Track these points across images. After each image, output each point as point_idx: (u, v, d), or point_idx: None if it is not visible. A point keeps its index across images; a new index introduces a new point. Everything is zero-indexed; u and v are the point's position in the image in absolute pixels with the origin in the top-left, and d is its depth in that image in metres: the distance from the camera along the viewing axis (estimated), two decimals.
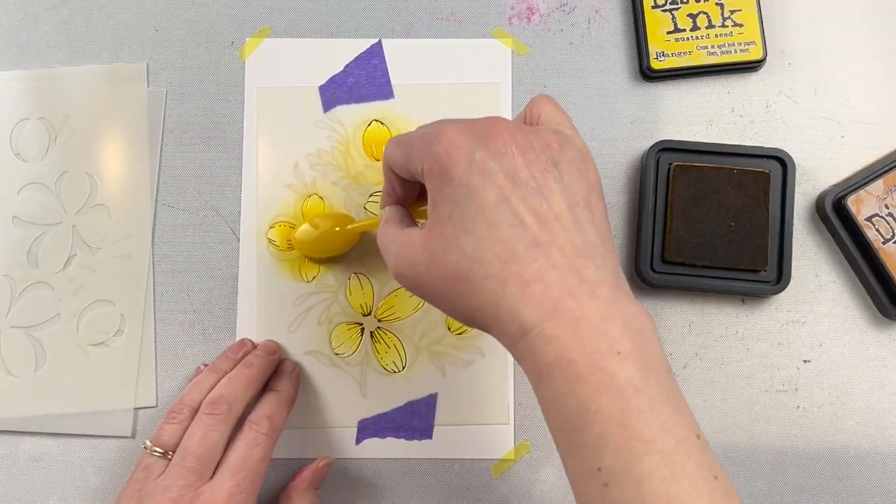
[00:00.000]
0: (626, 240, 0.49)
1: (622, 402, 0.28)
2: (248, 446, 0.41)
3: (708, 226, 0.46)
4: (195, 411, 0.42)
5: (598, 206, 0.33)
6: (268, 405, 0.43)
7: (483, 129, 0.33)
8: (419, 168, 0.34)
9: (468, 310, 0.32)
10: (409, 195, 0.39)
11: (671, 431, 0.28)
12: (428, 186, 0.33)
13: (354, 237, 0.47)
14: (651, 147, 0.47)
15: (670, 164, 0.47)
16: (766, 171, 0.47)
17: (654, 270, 0.47)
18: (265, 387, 0.45)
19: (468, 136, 0.32)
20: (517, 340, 0.31)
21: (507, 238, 0.31)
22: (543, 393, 0.30)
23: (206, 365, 0.46)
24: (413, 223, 0.38)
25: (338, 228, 0.47)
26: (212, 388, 0.43)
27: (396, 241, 0.35)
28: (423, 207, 0.39)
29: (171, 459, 0.40)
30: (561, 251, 0.31)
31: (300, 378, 0.47)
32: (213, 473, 0.40)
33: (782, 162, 0.47)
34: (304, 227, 0.47)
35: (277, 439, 0.43)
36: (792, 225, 0.47)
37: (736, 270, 0.46)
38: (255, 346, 0.47)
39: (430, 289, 0.33)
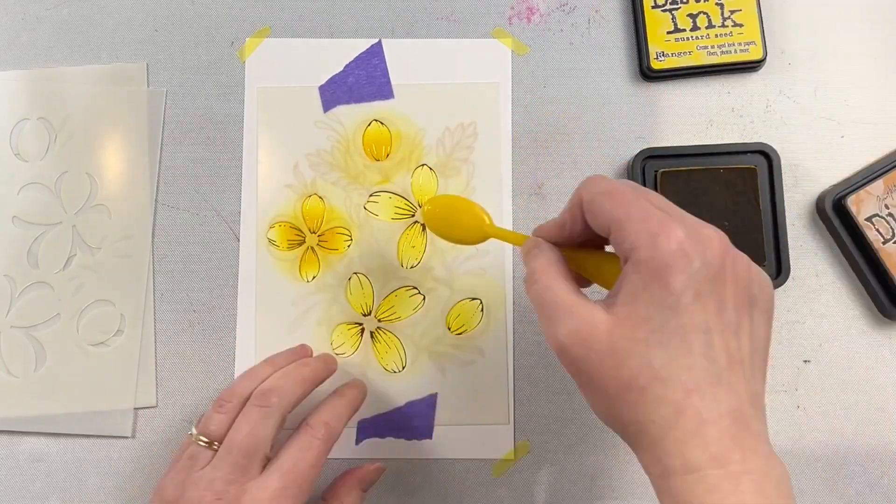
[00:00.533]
0: None
1: None
2: (301, 449, 0.40)
3: None
4: (244, 400, 0.41)
5: (767, 356, 0.32)
6: (327, 410, 0.42)
7: (705, 240, 0.31)
8: (628, 246, 0.31)
9: (626, 420, 0.31)
10: (580, 237, 0.35)
11: None
12: (631, 271, 0.31)
13: (484, 235, 0.41)
14: (635, 157, 0.47)
15: (656, 171, 0.47)
16: (753, 166, 0.47)
17: None
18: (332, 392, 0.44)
19: (695, 248, 0.30)
20: (672, 475, 0.30)
21: (697, 368, 0.30)
22: None
23: (265, 359, 0.46)
24: (574, 276, 0.35)
25: (465, 221, 0.41)
26: (263, 381, 0.42)
27: (571, 311, 0.32)
28: (590, 260, 0.36)
29: (216, 450, 0.39)
30: (738, 397, 0.30)
31: (366, 392, 0.46)
32: (263, 470, 0.39)
33: (766, 155, 0.47)
34: (437, 200, 0.43)
35: (333, 446, 0.41)
36: (784, 216, 0.47)
37: None
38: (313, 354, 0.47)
39: (594, 382, 0.31)
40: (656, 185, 0.47)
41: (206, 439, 0.40)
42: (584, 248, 0.36)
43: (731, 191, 0.46)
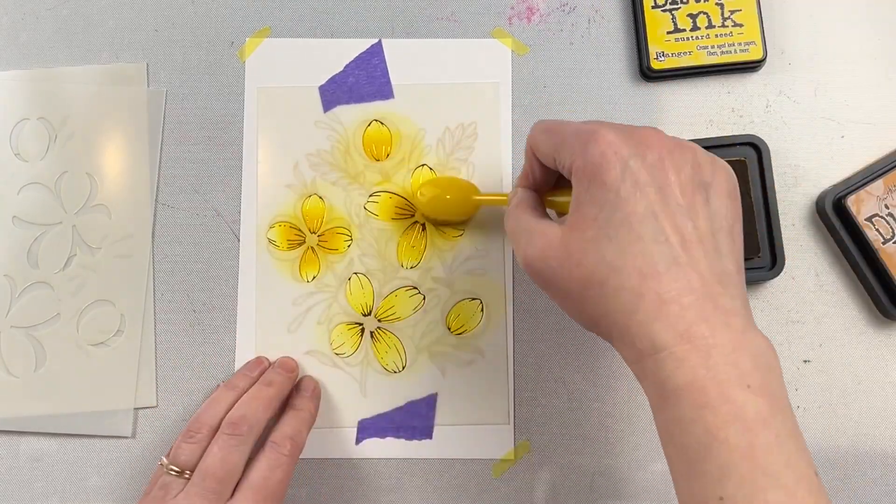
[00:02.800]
0: None
1: (750, 435, 0.28)
2: (269, 467, 0.41)
3: None
4: (213, 430, 0.42)
5: (738, 235, 0.33)
6: (289, 425, 0.43)
7: (640, 138, 0.32)
8: (568, 163, 0.34)
9: (595, 315, 0.32)
10: (546, 181, 0.39)
11: (794, 468, 0.28)
12: (574, 183, 0.33)
13: (475, 207, 0.47)
14: None
15: None
16: (742, 158, 0.47)
17: None
18: (285, 404, 0.45)
19: (625, 143, 0.32)
20: (644, 357, 0.30)
21: (650, 253, 0.31)
22: (667, 416, 0.30)
23: (224, 383, 0.46)
24: (545, 210, 0.38)
25: (451, 196, 0.47)
26: (230, 407, 0.43)
27: (530, 229, 0.35)
28: (560, 198, 0.39)
29: (188, 479, 0.40)
30: (700, 275, 0.31)
31: (321, 397, 0.47)
32: (233, 493, 0.40)
33: (756, 147, 0.47)
34: (429, 184, 0.47)
35: (297, 460, 0.42)
36: (777, 207, 0.47)
37: None
38: (271, 364, 0.47)
39: (558, 286, 0.33)
40: None
41: (177, 469, 0.40)
42: (557, 189, 0.39)
43: None
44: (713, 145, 0.47)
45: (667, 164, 0.32)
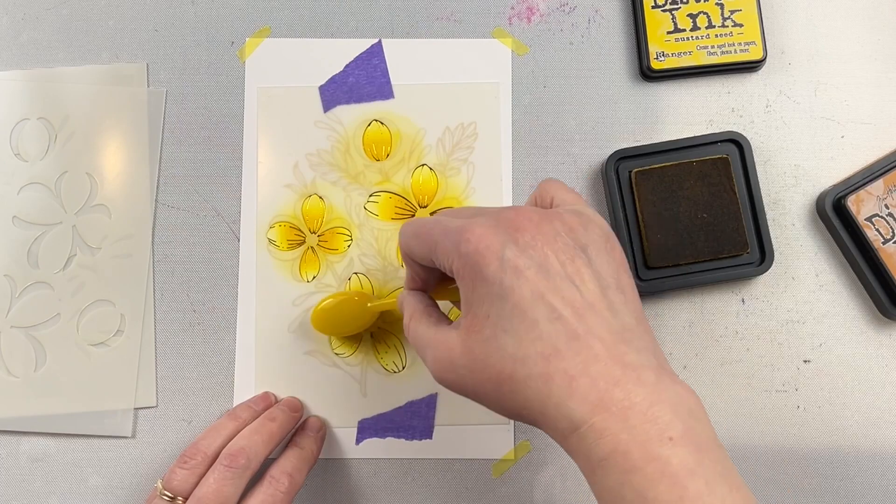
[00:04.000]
0: None
1: (679, 489, 0.28)
2: (264, 502, 0.41)
3: (682, 223, 0.46)
4: (209, 458, 0.41)
5: (628, 284, 0.33)
6: (289, 462, 0.43)
7: (508, 223, 0.32)
8: (447, 266, 0.33)
9: (515, 409, 0.32)
10: (432, 278, 0.39)
11: None
12: (459, 285, 0.33)
13: (373, 315, 0.46)
14: (608, 159, 0.47)
15: (630, 171, 0.47)
16: (725, 155, 0.47)
17: (640, 279, 0.47)
18: (288, 442, 0.45)
19: (495, 233, 0.32)
20: (568, 436, 0.30)
21: (547, 334, 0.30)
22: (599, 486, 0.30)
23: (227, 413, 0.46)
24: (439, 313, 0.37)
25: (350, 308, 0.46)
26: (229, 437, 0.42)
27: (432, 343, 0.34)
28: (450, 287, 0.39)
29: None
30: (601, 340, 0.30)
31: (325, 439, 0.47)
32: None
33: (737, 143, 0.47)
34: (322, 304, 0.46)
35: (293, 499, 0.42)
36: (762, 201, 0.47)
37: (720, 259, 0.46)
38: (276, 401, 0.47)
39: (473, 391, 0.33)
40: (631, 185, 0.47)
41: (169, 494, 0.40)
42: (444, 283, 0.39)
43: (705, 182, 0.47)
44: (695, 144, 0.47)
45: (539, 240, 0.32)
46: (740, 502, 0.29)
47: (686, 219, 0.46)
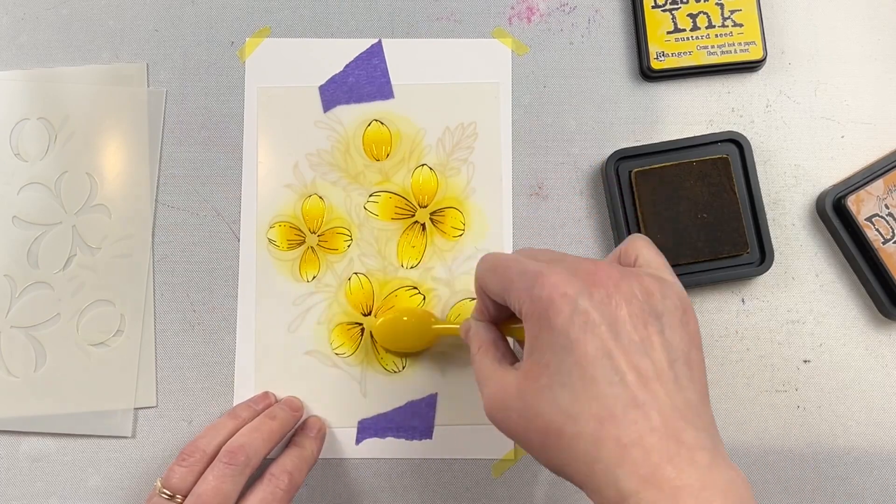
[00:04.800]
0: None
1: None
2: (264, 500, 0.40)
3: (682, 223, 0.46)
4: (208, 456, 0.41)
5: (698, 361, 0.32)
6: (290, 460, 0.43)
7: (587, 275, 0.31)
8: (517, 307, 0.33)
9: (559, 465, 0.31)
10: (501, 315, 0.38)
11: None
12: (526, 328, 0.32)
13: (435, 336, 0.46)
14: (608, 159, 0.47)
15: (630, 171, 0.47)
16: (724, 155, 0.47)
17: None
18: (288, 441, 0.45)
19: (571, 283, 0.31)
20: None
21: (605, 396, 0.29)
22: None
23: (227, 412, 0.46)
24: (506, 347, 0.36)
25: (411, 327, 0.46)
26: (229, 436, 0.42)
27: (490, 379, 0.34)
28: (516, 326, 0.38)
29: (180, 503, 0.40)
30: (660, 412, 0.29)
31: (325, 438, 0.46)
32: None
33: (737, 143, 0.47)
34: (385, 318, 0.47)
35: (293, 497, 0.42)
36: (762, 202, 0.47)
37: (720, 259, 0.46)
38: (277, 400, 0.47)
39: (520, 436, 0.32)
40: (631, 186, 0.47)
41: (168, 492, 0.40)
42: (512, 321, 0.38)
43: (705, 182, 0.47)
44: (695, 145, 0.47)
45: (615, 298, 0.31)
46: None
47: (686, 219, 0.46)
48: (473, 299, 0.48)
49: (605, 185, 0.48)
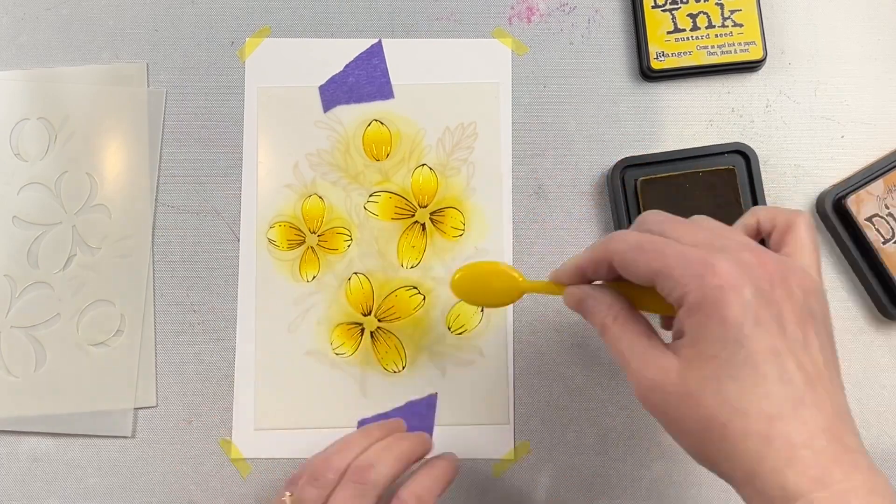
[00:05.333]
0: None
1: None
2: None
3: None
4: (340, 475, 0.40)
5: (837, 365, 0.31)
6: (420, 484, 0.40)
7: (753, 268, 0.31)
8: (676, 293, 0.31)
9: (717, 458, 0.31)
10: (599, 278, 0.36)
11: None
12: (684, 315, 0.31)
13: (520, 293, 0.41)
14: (613, 167, 0.47)
15: (636, 180, 0.47)
16: (731, 166, 0.47)
17: None
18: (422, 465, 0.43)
19: (743, 275, 0.30)
20: None
21: (776, 394, 0.29)
22: None
23: (360, 429, 0.45)
24: (647, 323, 0.35)
25: (497, 284, 0.41)
26: (360, 454, 0.41)
27: (644, 358, 0.33)
28: (635, 291, 0.35)
29: None
30: (825, 414, 0.29)
31: (458, 467, 0.43)
32: None
33: (744, 155, 0.47)
34: (468, 269, 0.42)
35: None
36: None
37: None
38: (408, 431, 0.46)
39: (676, 423, 0.32)
40: (637, 195, 0.47)
41: None
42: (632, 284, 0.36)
43: (711, 193, 0.46)
44: (702, 154, 0.47)
45: (780, 292, 0.30)
46: None
47: None
48: None
49: (611, 192, 0.48)
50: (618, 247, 0.34)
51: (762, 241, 0.35)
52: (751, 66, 0.49)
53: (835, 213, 0.47)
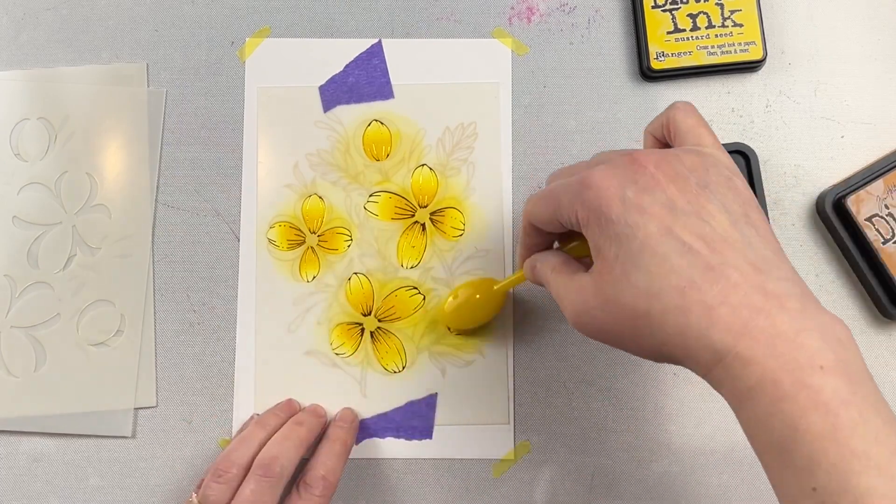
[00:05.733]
0: None
1: (832, 418, 0.27)
2: None
3: None
4: (244, 469, 0.41)
5: (759, 219, 0.32)
6: (321, 464, 0.42)
7: (626, 166, 0.32)
8: (572, 218, 0.34)
9: (654, 346, 0.32)
10: (549, 244, 0.40)
11: (884, 444, 0.27)
12: (586, 234, 0.33)
13: (502, 298, 0.46)
14: None
15: None
16: None
17: None
18: (321, 439, 0.45)
19: (615, 176, 0.32)
20: (712, 367, 0.30)
21: (680, 267, 0.30)
22: (747, 416, 0.29)
23: (258, 415, 0.46)
24: (577, 265, 0.37)
25: (478, 296, 0.46)
26: (260, 447, 0.42)
27: (568, 290, 0.35)
28: (574, 244, 0.39)
29: None
30: (737, 270, 0.30)
31: (357, 426, 0.46)
32: None
33: (745, 156, 0.47)
34: (449, 300, 0.46)
35: (332, 497, 0.42)
36: (768, 214, 0.47)
37: None
38: (301, 407, 0.47)
39: (610, 332, 0.33)
40: None
41: None
42: (571, 239, 0.40)
43: None
44: None
45: (660, 179, 0.32)
46: (894, 437, 0.28)
47: None
48: None
49: None
50: (528, 208, 0.38)
51: None
52: (751, 66, 0.49)
53: (835, 213, 0.47)
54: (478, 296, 0.46)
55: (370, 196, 0.49)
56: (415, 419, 0.47)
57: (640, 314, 0.31)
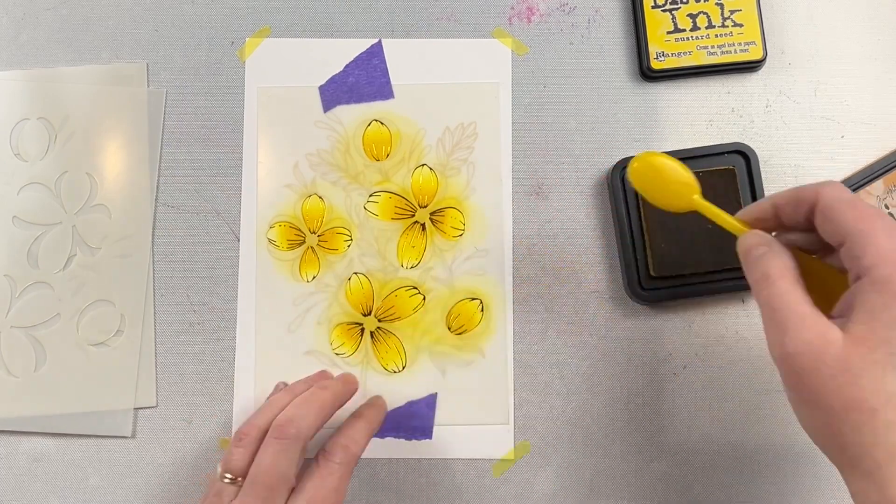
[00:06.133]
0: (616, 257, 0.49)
1: None
2: (321, 476, 0.39)
3: (686, 234, 0.46)
4: (263, 432, 0.40)
5: None
6: (343, 434, 0.41)
7: None
8: (867, 262, 0.30)
9: (848, 443, 0.30)
10: (789, 227, 0.35)
11: None
12: (869, 290, 0.30)
13: (690, 206, 0.39)
14: (613, 168, 0.47)
15: None
16: (731, 167, 0.47)
17: (643, 288, 0.46)
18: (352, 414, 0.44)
19: None
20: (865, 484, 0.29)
21: None
22: None
23: (285, 384, 0.46)
24: (807, 297, 0.32)
25: (671, 186, 0.39)
26: (282, 410, 0.41)
27: (803, 322, 0.31)
28: (814, 266, 0.35)
29: (241, 485, 0.39)
30: None
31: (385, 409, 0.46)
32: (287, 501, 0.38)
33: (744, 155, 0.47)
34: (646, 158, 0.40)
35: (354, 468, 0.41)
36: None
37: (724, 271, 0.46)
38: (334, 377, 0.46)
39: (818, 395, 0.30)
40: (637, 194, 0.47)
41: (230, 476, 0.39)
42: (808, 254, 0.35)
43: (711, 193, 0.46)
44: (701, 155, 0.47)
45: None
46: None
47: (691, 230, 0.46)
48: (473, 299, 0.48)
49: (611, 193, 0.48)
50: (832, 192, 0.32)
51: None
52: (751, 66, 0.49)
53: None
54: (674, 182, 0.39)
55: (370, 196, 0.49)
56: (415, 419, 0.47)
57: (866, 409, 0.29)
